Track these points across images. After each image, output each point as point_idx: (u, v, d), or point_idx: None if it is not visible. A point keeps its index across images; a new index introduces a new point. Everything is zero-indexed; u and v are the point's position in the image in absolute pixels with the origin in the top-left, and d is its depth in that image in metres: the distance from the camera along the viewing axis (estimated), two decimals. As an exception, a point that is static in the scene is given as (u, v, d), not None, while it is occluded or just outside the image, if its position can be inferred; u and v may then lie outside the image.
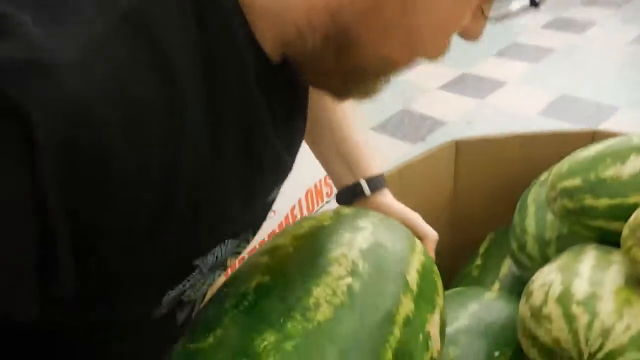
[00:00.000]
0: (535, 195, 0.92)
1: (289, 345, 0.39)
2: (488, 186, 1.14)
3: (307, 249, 0.49)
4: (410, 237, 0.56)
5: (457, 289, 0.82)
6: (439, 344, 0.50)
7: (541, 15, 3.29)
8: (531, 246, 0.85)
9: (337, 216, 0.54)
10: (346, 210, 0.57)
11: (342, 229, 0.51)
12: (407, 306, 0.46)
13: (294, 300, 0.42)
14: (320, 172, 0.77)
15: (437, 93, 2.65)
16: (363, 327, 0.42)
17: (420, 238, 0.66)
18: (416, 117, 2.45)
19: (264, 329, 0.40)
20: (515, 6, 0.47)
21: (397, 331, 0.44)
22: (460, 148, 1.11)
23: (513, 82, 2.64)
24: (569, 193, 0.70)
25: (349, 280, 0.45)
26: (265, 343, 0.39)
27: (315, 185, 1.73)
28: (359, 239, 0.50)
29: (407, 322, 0.46)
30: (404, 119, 2.44)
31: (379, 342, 0.42)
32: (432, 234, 0.69)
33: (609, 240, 0.65)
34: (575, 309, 0.57)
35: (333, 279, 0.44)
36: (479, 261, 1.07)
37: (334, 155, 0.68)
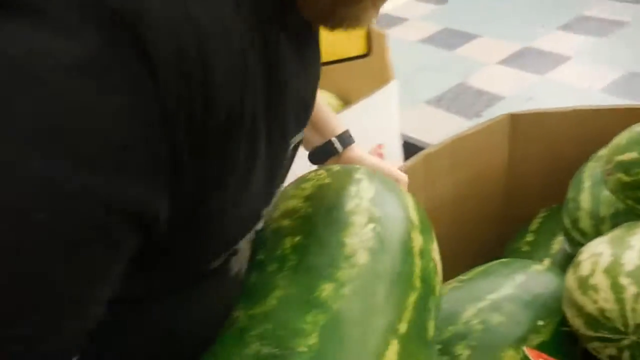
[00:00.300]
0: (591, 171, 0.91)
1: (346, 290, 0.45)
2: (543, 162, 1.12)
3: (323, 206, 0.54)
4: (395, 182, 0.64)
5: (504, 259, 0.83)
6: (441, 269, 0.58)
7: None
8: (585, 222, 0.84)
9: (331, 173, 0.59)
10: (335, 167, 0.61)
11: (344, 184, 0.56)
12: (417, 240, 0.54)
13: (333, 252, 0.48)
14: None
15: (496, 68, 2.58)
16: (394, 263, 0.50)
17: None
18: (472, 92, 2.41)
19: (319, 281, 0.46)
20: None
21: (418, 261, 0.52)
22: (516, 122, 1.10)
23: (577, 58, 2.55)
24: (624, 166, 0.69)
25: (371, 225, 0.51)
26: (325, 292, 0.44)
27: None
28: (364, 189, 0.55)
29: (422, 253, 0.53)
30: (459, 94, 2.40)
31: (409, 272, 0.50)
32: (403, 177, 0.76)
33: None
34: (624, 280, 0.57)
35: (359, 227, 0.50)
36: (529, 237, 1.07)
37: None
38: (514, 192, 1.15)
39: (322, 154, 0.72)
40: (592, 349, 0.62)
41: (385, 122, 1.27)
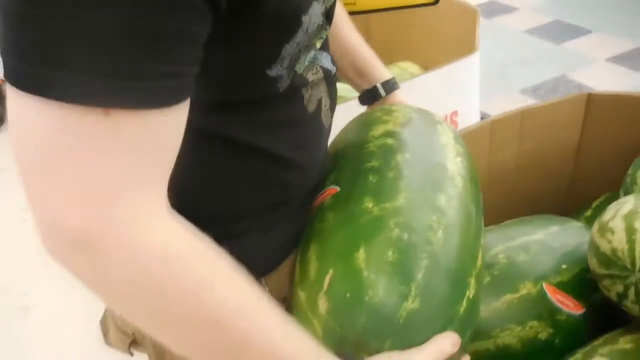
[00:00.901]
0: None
1: (454, 203, 0.58)
2: (618, 146, 1.11)
3: (419, 134, 0.67)
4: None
5: (547, 215, 0.88)
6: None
7: None
8: (636, 195, 0.87)
9: (415, 110, 0.71)
10: (415, 106, 0.73)
11: (430, 120, 0.70)
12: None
13: (439, 173, 0.61)
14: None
15: (603, 65, 2.50)
16: (474, 189, 0.64)
17: None
18: (572, 86, 2.36)
19: (435, 193, 0.58)
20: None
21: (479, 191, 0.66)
22: (592, 101, 1.11)
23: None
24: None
25: (459, 158, 0.65)
26: (442, 202, 0.57)
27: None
28: (446, 129, 0.69)
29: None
30: (557, 86, 2.37)
31: (479, 195, 0.65)
32: None
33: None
34: (638, 225, 0.62)
35: (452, 157, 0.64)
36: (588, 212, 1.09)
37: (351, 69, 0.79)
38: (582, 172, 1.16)
39: (369, 98, 0.80)
40: (603, 286, 0.68)
41: (463, 92, 1.33)
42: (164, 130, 0.39)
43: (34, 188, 0.38)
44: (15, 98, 0.36)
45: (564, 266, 0.75)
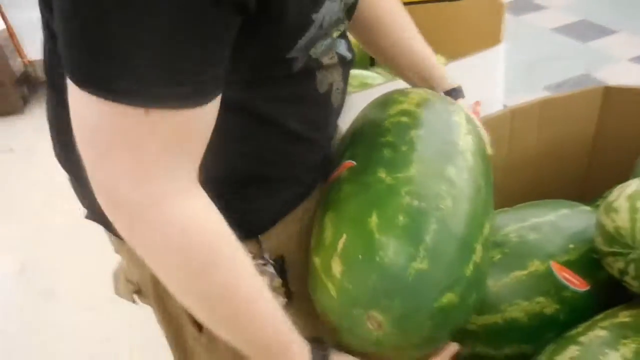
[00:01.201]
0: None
1: (464, 175, 0.62)
2: (632, 137, 1.13)
3: (433, 113, 0.71)
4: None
5: (557, 199, 0.91)
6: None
7: None
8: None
9: (429, 93, 0.76)
10: (429, 90, 0.78)
11: (443, 103, 0.74)
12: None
13: (450, 148, 0.65)
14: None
15: (627, 65, 2.50)
16: (485, 166, 0.68)
17: None
18: (595, 84, 2.35)
19: (446, 165, 0.62)
20: None
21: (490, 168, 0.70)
22: (609, 94, 1.14)
23: None
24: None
25: (469, 136, 0.69)
26: (452, 173, 0.61)
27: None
28: (457, 110, 0.74)
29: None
30: (581, 84, 2.38)
31: (489, 171, 0.69)
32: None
33: None
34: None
35: (463, 135, 0.68)
36: (600, 202, 1.12)
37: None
38: (597, 162, 1.19)
39: None
40: (607, 263, 0.72)
41: (487, 83, 1.36)
42: (196, 123, 0.46)
43: (88, 160, 0.46)
44: (74, 88, 0.43)
45: (571, 246, 0.78)
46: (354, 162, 0.65)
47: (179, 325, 0.69)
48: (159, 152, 0.44)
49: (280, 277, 0.65)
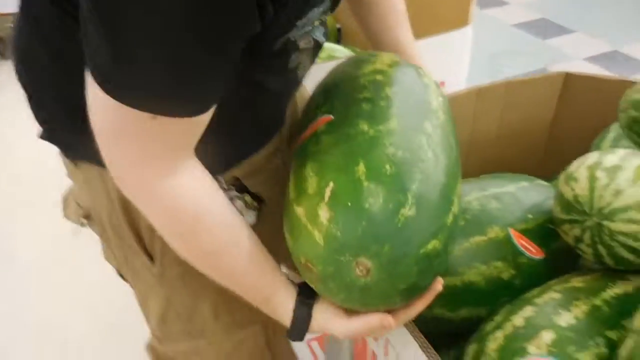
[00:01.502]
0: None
1: (438, 131, 0.64)
2: (589, 121, 1.15)
3: (406, 74, 0.72)
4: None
5: (520, 174, 0.94)
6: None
7: None
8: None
9: (399, 59, 0.76)
10: (398, 56, 0.79)
11: (414, 66, 0.75)
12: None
13: (425, 106, 0.67)
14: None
15: (582, 63, 2.60)
16: (452, 124, 0.70)
17: None
18: (552, 80, 2.45)
19: (423, 120, 0.64)
20: None
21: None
22: (570, 81, 1.19)
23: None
24: (636, 104, 0.80)
25: (440, 98, 0.71)
26: (429, 128, 0.63)
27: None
28: (428, 74, 0.75)
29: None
30: (538, 78, 2.46)
31: (455, 131, 0.70)
32: None
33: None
34: (599, 173, 0.69)
35: (434, 95, 0.71)
36: (553, 183, 1.17)
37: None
38: (555, 145, 1.23)
39: None
40: (563, 231, 0.75)
41: (452, 64, 1.39)
42: (196, 126, 0.53)
43: (102, 144, 0.52)
44: (95, 85, 0.48)
45: (529, 216, 0.81)
46: (332, 117, 0.65)
47: (130, 252, 0.72)
48: (160, 147, 0.52)
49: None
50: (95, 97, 0.49)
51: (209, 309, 0.73)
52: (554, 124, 1.22)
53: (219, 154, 0.59)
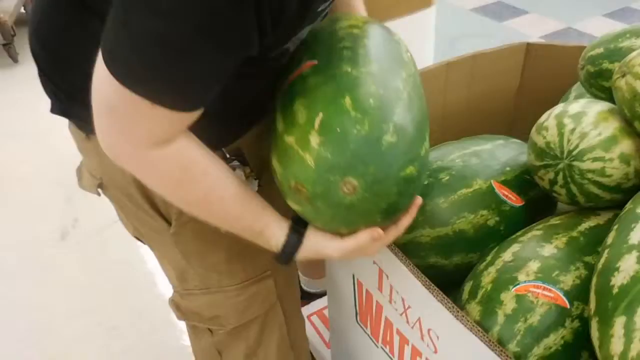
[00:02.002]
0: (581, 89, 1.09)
1: (412, 79, 0.71)
2: (551, 88, 1.22)
3: (380, 29, 0.78)
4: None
5: (499, 135, 1.03)
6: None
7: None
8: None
9: (371, 19, 0.83)
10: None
11: (384, 26, 0.81)
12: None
13: (400, 56, 0.74)
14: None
15: (539, 41, 2.73)
16: (417, 75, 0.76)
17: None
18: (511, 59, 2.57)
19: (400, 68, 0.70)
20: None
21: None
22: (531, 50, 1.28)
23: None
24: (592, 60, 0.89)
25: (408, 53, 0.76)
26: (405, 75, 0.69)
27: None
28: (396, 32, 0.81)
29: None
30: (499, 58, 2.57)
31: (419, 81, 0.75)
32: None
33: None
34: (566, 120, 0.78)
35: (404, 49, 0.77)
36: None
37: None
38: (521, 111, 1.32)
39: None
40: (539, 177, 0.84)
41: (417, 45, 1.47)
42: (189, 117, 0.58)
43: (96, 113, 0.57)
44: (106, 72, 0.53)
45: (507, 168, 0.90)
46: (316, 61, 0.70)
47: (146, 217, 0.77)
48: (157, 125, 0.57)
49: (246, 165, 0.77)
50: (101, 72, 0.54)
51: (222, 263, 0.80)
52: (520, 92, 1.31)
53: (208, 136, 0.64)
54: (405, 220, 0.69)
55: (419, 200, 0.69)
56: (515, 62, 1.30)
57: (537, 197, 0.90)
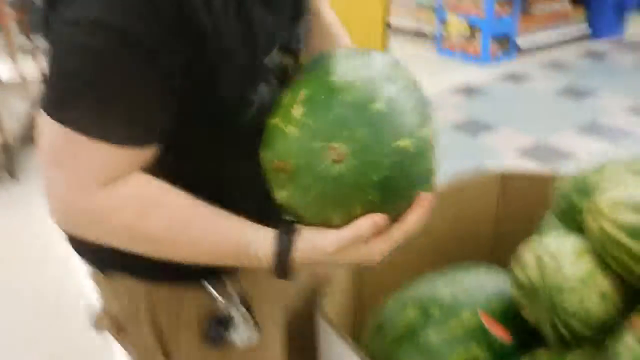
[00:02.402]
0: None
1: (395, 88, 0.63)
2: (529, 217, 1.20)
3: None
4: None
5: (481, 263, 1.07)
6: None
7: (624, 100, 3.48)
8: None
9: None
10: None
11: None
12: None
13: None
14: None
15: (512, 155, 2.88)
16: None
17: None
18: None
19: (381, 88, 0.61)
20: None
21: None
22: (506, 180, 1.33)
23: (584, 158, 2.84)
24: (564, 197, 0.97)
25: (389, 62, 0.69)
26: (387, 94, 0.61)
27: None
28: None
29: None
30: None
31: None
32: None
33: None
34: (545, 257, 0.82)
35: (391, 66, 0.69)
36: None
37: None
38: (501, 242, 1.31)
39: None
40: (524, 312, 0.86)
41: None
42: (138, 155, 0.59)
43: (43, 165, 0.59)
44: (47, 117, 0.56)
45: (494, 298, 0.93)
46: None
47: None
48: (98, 168, 0.57)
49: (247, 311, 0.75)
50: (40, 123, 0.57)
51: None
52: (497, 223, 1.33)
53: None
54: (411, 217, 0.61)
55: (425, 196, 0.61)
56: (490, 195, 1.32)
57: (525, 329, 0.92)
